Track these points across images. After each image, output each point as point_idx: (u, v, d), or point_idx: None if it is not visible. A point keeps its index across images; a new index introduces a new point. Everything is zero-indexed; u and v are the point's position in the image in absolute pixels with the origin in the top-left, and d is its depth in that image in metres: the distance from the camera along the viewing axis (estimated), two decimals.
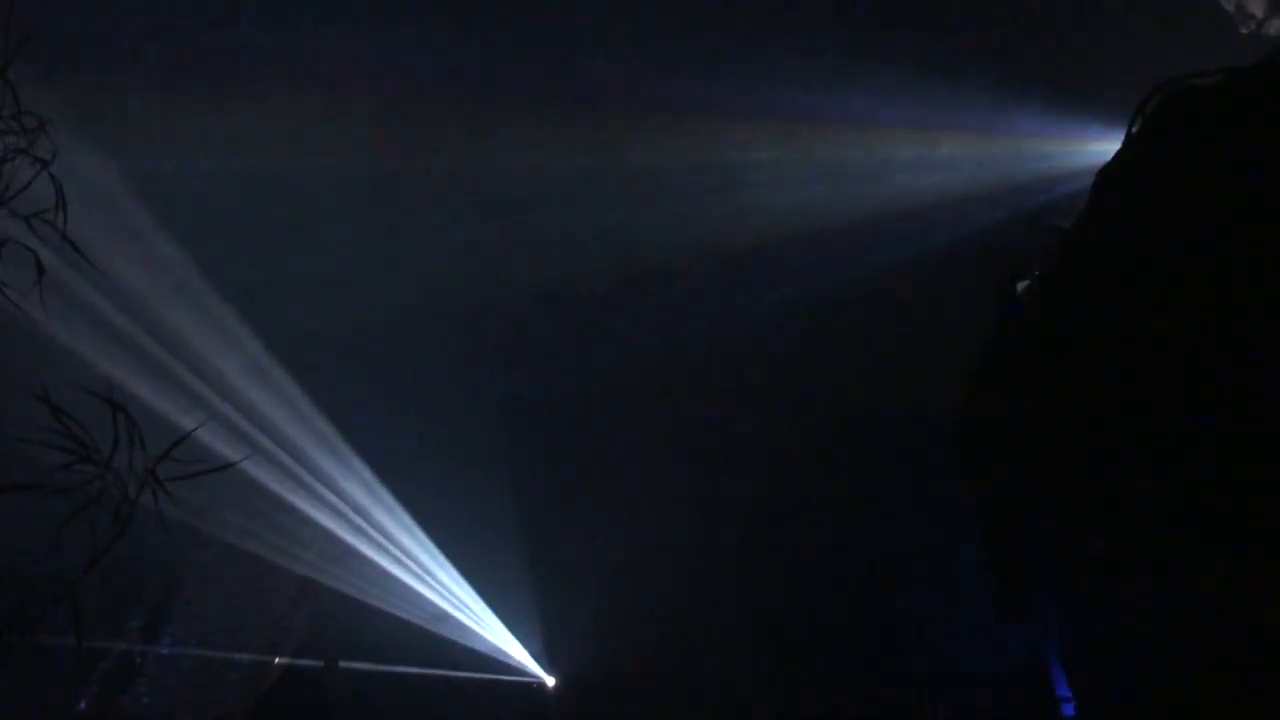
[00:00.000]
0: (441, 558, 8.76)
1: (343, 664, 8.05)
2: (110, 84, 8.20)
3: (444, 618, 8.67)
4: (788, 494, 9.33)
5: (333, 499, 8.40)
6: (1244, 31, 5.31)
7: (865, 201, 8.76)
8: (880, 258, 8.65)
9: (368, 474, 8.69)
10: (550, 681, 8.77)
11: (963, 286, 7.19)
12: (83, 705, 7.34)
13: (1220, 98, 3.96)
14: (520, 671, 8.75)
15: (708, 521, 9.25)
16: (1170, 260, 3.92)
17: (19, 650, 2.79)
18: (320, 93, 8.73)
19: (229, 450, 6.16)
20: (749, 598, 9.28)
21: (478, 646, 8.70)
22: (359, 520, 8.44)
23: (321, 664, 7.91)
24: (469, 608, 8.78)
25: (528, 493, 9.35)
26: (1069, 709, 6.46)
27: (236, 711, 7.03)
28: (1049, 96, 7.96)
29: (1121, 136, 4.40)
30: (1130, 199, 4.23)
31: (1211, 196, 3.86)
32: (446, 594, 8.72)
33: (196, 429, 3.40)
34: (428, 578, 8.70)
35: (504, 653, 8.77)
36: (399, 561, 8.58)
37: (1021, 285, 6.32)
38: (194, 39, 8.46)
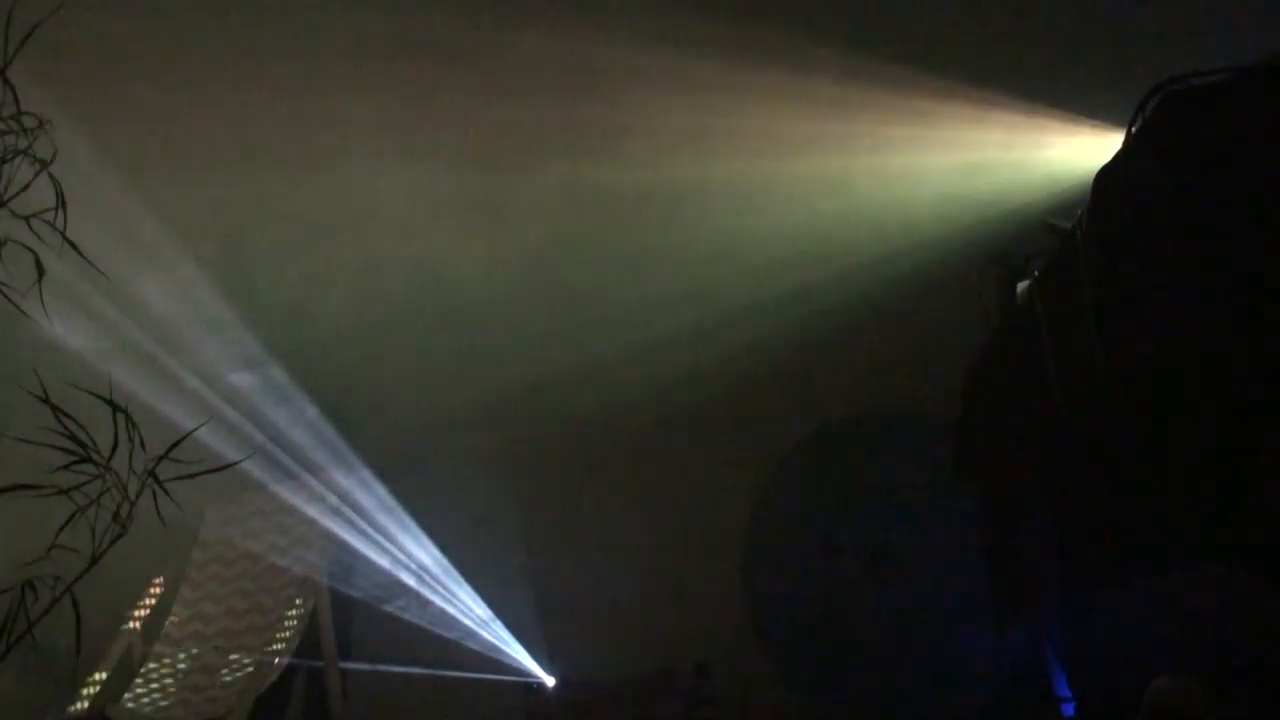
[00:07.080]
0: (441, 556, 8.75)
1: (343, 664, 8.03)
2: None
3: (444, 617, 8.66)
4: (789, 493, 9.34)
5: (332, 498, 8.38)
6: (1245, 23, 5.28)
7: (862, 204, 8.75)
8: (878, 259, 8.64)
9: (367, 472, 8.68)
10: (550, 681, 8.75)
11: (962, 287, 7.20)
12: (83, 705, 7.33)
13: (1220, 98, 3.96)
14: (520, 671, 8.74)
15: (708, 521, 9.25)
16: (1170, 260, 3.92)
17: (19, 650, 2.78)
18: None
19: (228, 449, 6.14)
20: (749, 596, 9.29)
21: (478, 646, 8.68)
22: (359, 520, 8.43)
23: (321, 664, 7.90)
24: (468, 607, 8.76)
25: (529, 490, 9.34)
26: (1069, 709, 6.47)
27: (236, 711, 7.02)
28: (1048, 96, 7.95)
29: (1121, 136, 4.41)
30: (1130, 199, 4.23)
31: (1212, 196, 3.86)
32: (446, 593, 8.72)
33: (197, 429, 3.40)
34: (428, 577, 8.69)
35: (504, 653, 8.75)
36: (399, 561, 8.57)
37: (1021, 285, 6.32)
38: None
